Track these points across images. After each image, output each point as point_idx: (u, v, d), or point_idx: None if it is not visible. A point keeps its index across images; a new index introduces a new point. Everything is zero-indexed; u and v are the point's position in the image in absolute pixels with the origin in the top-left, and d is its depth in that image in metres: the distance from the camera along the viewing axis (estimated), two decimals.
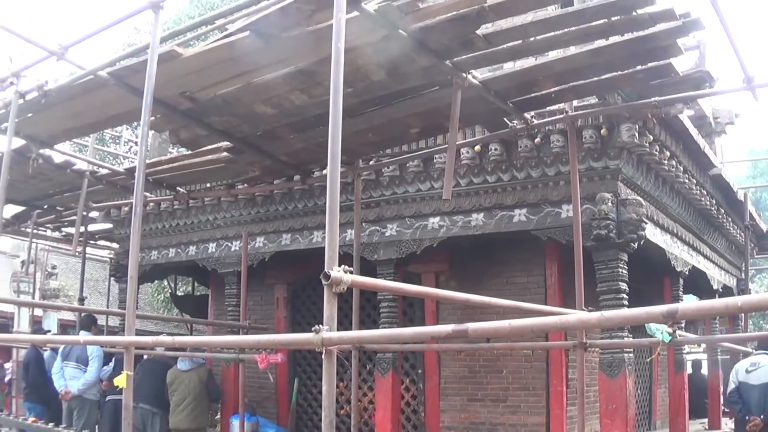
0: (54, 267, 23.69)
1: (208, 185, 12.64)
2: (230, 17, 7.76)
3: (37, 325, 19.27)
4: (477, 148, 10.28)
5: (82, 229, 14.26)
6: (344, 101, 5.01)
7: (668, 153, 10.31)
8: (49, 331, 19.22)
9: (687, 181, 11.39)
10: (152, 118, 7.22)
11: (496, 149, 10.15)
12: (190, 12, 32.40)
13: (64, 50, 7.86)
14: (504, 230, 10.59)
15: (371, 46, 6.53)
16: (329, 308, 4.53)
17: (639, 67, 7.34)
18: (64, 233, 17.33)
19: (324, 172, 10.16)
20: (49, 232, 17.09)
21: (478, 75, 7.59)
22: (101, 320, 15.54)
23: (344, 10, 5.07)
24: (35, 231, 15.45)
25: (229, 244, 13.81)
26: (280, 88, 7.49)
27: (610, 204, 9.58)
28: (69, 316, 21.62)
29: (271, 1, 6.62)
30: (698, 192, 12.10)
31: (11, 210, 14.13)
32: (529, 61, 8.00)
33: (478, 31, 6.59)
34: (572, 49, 7.39)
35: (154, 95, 6.55)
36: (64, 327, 22.58)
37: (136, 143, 26.93)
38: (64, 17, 72.75)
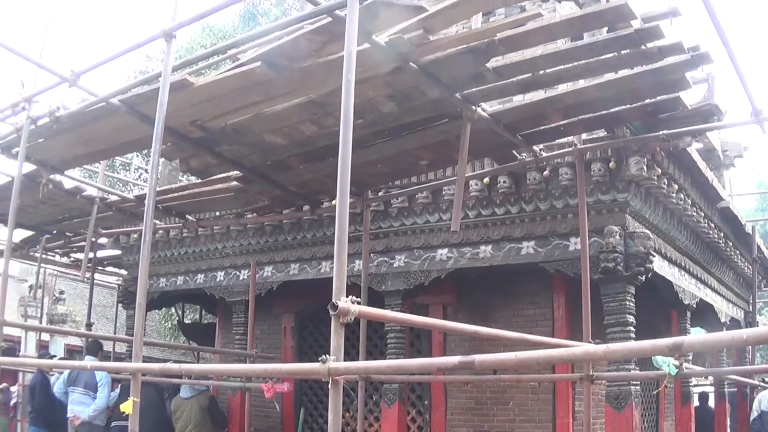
0: (62, 292, 23.75)
1: (218, 214, 12.67)
2: (242, 47, 7.83)
3: (43, 350, 19.30)
4: (486, 180, 10.30)
5: (91, 255, 14.28)
6: (354, 132, 5.02)
7: (676, 186, 10.32)
8: (56, 355, 19.23)
9: (695, 213, 11.39)
10: (163, 146, 7.24)
11: (504, 182, 10.17)
12: (202, 41, 32.61)
13: (76, 77, 7.89)
14: (512, 262, 10.58)
15: (382, 77, 6.58)
16: (336, 338, 4.53)
17: (648, 101, 7.38)
18: (72, 259, 17.39)
19: (333, 202, 10.17)
20: (57, 258, 17.13)
21: (488, 108, 7.62)
22: (108, 346, 15.54)
23: (355, 41, 5.09)
24: (44, 256, 15.50)
25: (238, 272, 13.83)
26: (290, 119, 7.53)
27: (618, 237, 9.58)
28: (76, 341, 21.66)
29: (282, 32, 6.68)
30: (706, 225, 12.08)
31: (20, 234, 14.17)
32: (538, 94, 8.04)
33: (488, 64, 6.63)
34: (581, 82, 7.44)
35: (166, 123, 6.56)
36: (71, 352, 22.60)
37: (146, 170, 27.05)
38: (75, 43, 73.31)
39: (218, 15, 32.59)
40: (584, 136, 9.02)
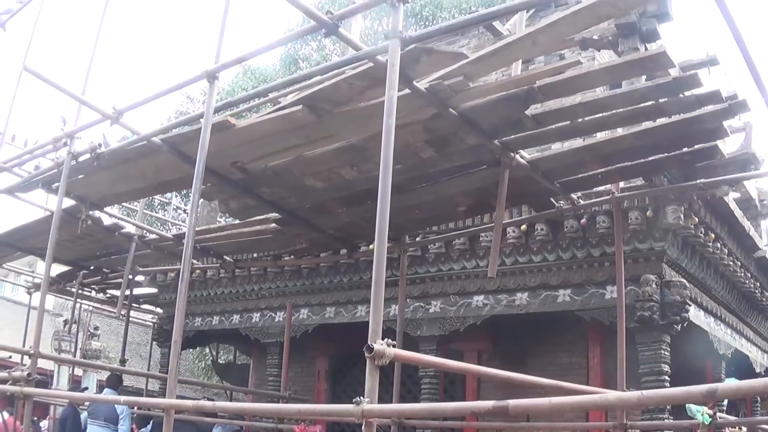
0: (96, 328, 23.82)
1: (255, 255, 12.72)
2: (283, 91, 7.90)
3: (76, 384, 19.35)
4: (523, 227, 10.32)
5: (127, 292, 14.36)
6: (393, 177, 5.04)
7: (713, 235, 10.29)
8: (87, 387, 19.29)
9: (731, 263, 11.31)
10: (203, 187, 7.30)
11: (542, 229, 10.18)
12: (243, 83, 32.94)
13: (118, 114, 7.92)
14: (548, 310, 10.55)
15: (421, 123, 6.61)
16: (371, 380, 4.52)
17: (685, 149, 7.36)
18: (108, 295, 17.47)
19: (370, 246, 10.20)
20: (93, 293, 17.23)
21: (526, 155, 7.63)
22: (141, 384, 15.59)
23: (396, 87, 5.14)
24: (80, 291, 15.59)
25: (273, 314, 13.86)
26: (330, 162, 7.58)
27: (654, 286, 9.56)
28: None
29: (324, 76, 6.75)
30: (742, 274, 11.99)
31: (57, 269, 14.28)
32: (576, 142, 8.05)
33: (527, 112, 6.65)
34: (619, 131, 7.43)
35: (206, 164, 6.60)
36: (103, 388, 22.67)
37: (184, 210, 27.22)
38: (117, 79, 74.27)
39: (259, 58, 32.93)
40: (622, 184, 9.00)
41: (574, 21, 5.66)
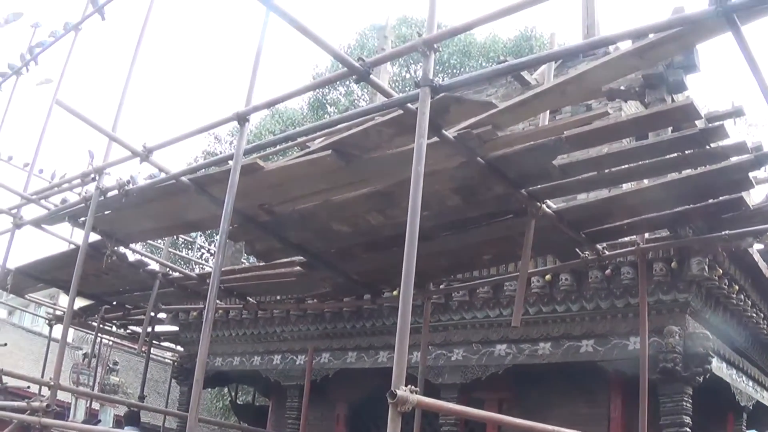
0: (116, 363, 23.94)
1: (278, 297, 12.73)
2: (312, 135, 7.96)
3: (92, 418, 19.36)
4: (547, 277, 10.30)
5: (149, 329, 14.39)
6: (419, 224, 5.06)
7: (737, 287, 10.22)
8: (100, 421, 19.31)
9: (755, 315, 11.23)
10: (229, 227, 7.33)
11: (566, 279, 10.16)
12: (270, 126, 33.18)
13: (148, 152, 8.00)
14: (570, 360, 10.49)
15: (449, 171, 6.63)
16: (393, 427, 4.50)
17: (711, 201, 7.33)
18: (129, 331, 17.52)
19: (394, 293, 10.22)
20: (114, 328, 17.29)
21: (552, 204, 7.64)
22: (158, 421, 15.58)
23: (425, 135, 5.16)
24: (101, 326, 15.65)
25: (294, 357, 13.85)
26: (357, 208, 7.61)
27: (677, 337, 9.53)
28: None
29: (352, 122, 6.80)
30: (765, 327, 11.88)
31: (79, 302, 14.34)
32: (602, 192, 8.05)
33: (554, 162, 6.67)
34: (645, 182, 7.43)
35: (233, 205, 6.65)
36: (120, 423, 22.67)
37: (208, 250, 27.31)
38: (147, 116, 74.95)
39: (287, 101, 33.24)
40: (647, 235, 8.99)
41: (602, 72, 5.70)
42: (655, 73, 10.81)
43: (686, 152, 6.49)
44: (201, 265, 23.92)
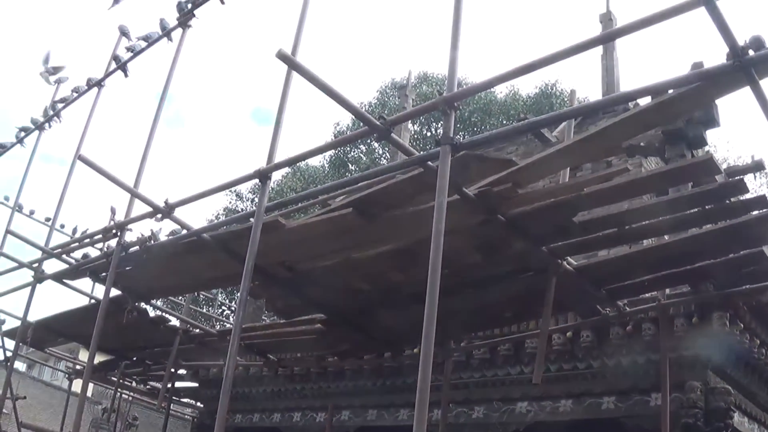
0: (135, 418, 23.85)
1: (299, 354, 12.70)
2: (333, 193, 7.99)
3: None
4: (569, 334, 10.24)
5: (169, 385, 14.37)
6: (440, 282, 5.05)
7: (758, 341, 10.14)
8: None
9: None
10: (250, 285, 7.34)
11: (587, 336, 10.12)
12: (292, 183, 33.37)
13: (170, 209, 8.05)
14: (592, 417, 10.40)
15: (470, 229, 6.64)
16: None
17: (731, 255, 7.29)
18: (149, 386, 17.50)
19: (415, 350, 10.18)
20: (134, 384, 17.28)
21: (573, 261, 7.62)
22: None
23: (446, 193, 5.19)
24: (121, 381, 15.63)
25: (315, 414, 13.79)
26: (378, 266, 7.59)
27: (699, 392, 9.48)
28: None
29: (373, 180, 6.83)
30: None
31: (99, 357, 14.34)
32: (623, 248, 8.03)
33: (575, 219, 6.67)
34: (666, 237, 7.41)
35: (255, 262, 6.68)
36: None
37: (229, 307, 27.32)
38: (168, 172, 75.47)
39: (309, 159, 33.46)
40: (667, 290, 8.95)
41: (622, 129, 5.73)
42: (675, 129, 10.84)
43: (706, 207, 6.49)
44: (221, 322, 23.90)
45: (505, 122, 34.75)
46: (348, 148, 38.06)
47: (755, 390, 11.14)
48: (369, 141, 36.82)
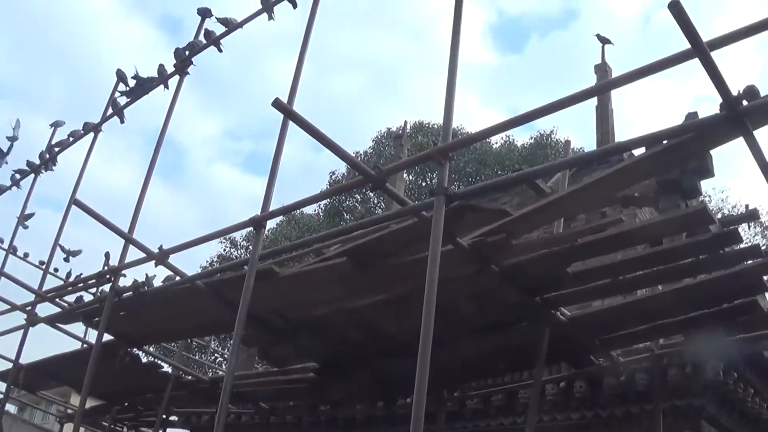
0: None
1: (291, 403, 12.61)
2: (328, 241, 8.01)
3: None
4: (562, 384, 10.20)
5: (160, 431, 14.26)
6: (433, 331, 5.06)
7: (752, 390, 10.09)
8: None
9: None
10: (243, 332, 7.33)
11: (581, 386, 10.05)
12: (287, 232, 33.39)
13: (164, 255, 8.08)
14: None
15: (463, 279, 6.64)
16: None
17: (725, 305, 7.29)
18: None
19: (408, 400, 10.13)
20: (125, 429, 17.15)
21: (566, 312, 7.62)
22: None
23: (440, 242, 5.21)
24: (112, 426, 15.51)
25: None
26: (371, 315, 7.57)
27: None
28: None
29: (368, 229, 6.85)
30: None
31: (90, 401, 14.24)
32: (616, 299, 8.04)
33: (568, 269, 6.68)
34: (659, 288, 7.41)
35: (248, 309, 6.67)
36: None
37: (222, 354, 27.20)
38: (162, 219, 75.51)
39: (304, 208, 33.53)
40: (661, 340, 8.94)
41: (616, 179, 5.77)
42: (670, 180, 10.87)
43: (700, 257, 6.51)
44: (214, 369, 23.80)
45: (500, 172, 34.90)
46: (343, 197, 38.13)
47: None
48: (364, 190, 36.89)
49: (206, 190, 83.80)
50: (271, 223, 34.54)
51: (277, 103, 5.67)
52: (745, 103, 4.51)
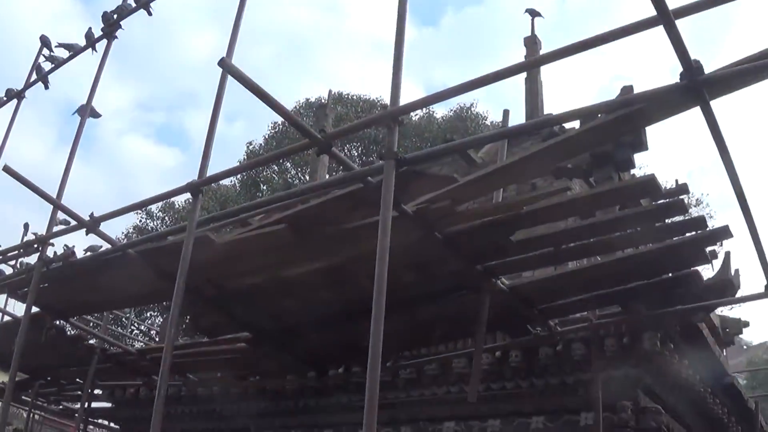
0: None
1: (219, 374, 12.40)
2: (263, 209, 7.80)
3: None
4: (497, 353, 10.18)
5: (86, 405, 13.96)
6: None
7: (686, 361, 10.21)
8: None
9: (702, 390, 11.27)
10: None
11: (516, 356, 10.08)
12: (205, 204, 32.99)
13: (95, 223, 7.82)
14: None
15: (405, 246, 6.51)
16: None
17: (665, 276, 7.30)
18: (62, 407, 17.02)
19: (339, 370, 10.04)
20: (47, 404, 16.81)
21: (506, 281, 7.55)
22: None
23: (390, 207, 5.10)
24: (34, 401, 15.17)
25: None
26: (308, 284, 7.42)
27: (629, 412, 9.50)
28: None
29: (308, 195, 6.69)
30: (712, 401, 11.92)
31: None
32: (559, 268, 8.03)
33: (512, 238, 6.60)
34: (598, 258, 7.40)
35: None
36: None
37: (138, 327, 26.85)
38: (70, 191, 74.16)
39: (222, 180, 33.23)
40: (598, 311, 8.96)
41: (561, 149, 5.73)
42: (603, 152, 10.86)
43: (644, 227, 6.49)
44: (132, 341, 23.48)
45: (419, 144, 34.95)
46: (260, 170, 37.77)
47: (683, 410, 11.27)
48: (282, 161, 36.69)
49: (117, 162, 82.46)
50: (185, 196, 34.12)
51: (223, 63, 5.56)
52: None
